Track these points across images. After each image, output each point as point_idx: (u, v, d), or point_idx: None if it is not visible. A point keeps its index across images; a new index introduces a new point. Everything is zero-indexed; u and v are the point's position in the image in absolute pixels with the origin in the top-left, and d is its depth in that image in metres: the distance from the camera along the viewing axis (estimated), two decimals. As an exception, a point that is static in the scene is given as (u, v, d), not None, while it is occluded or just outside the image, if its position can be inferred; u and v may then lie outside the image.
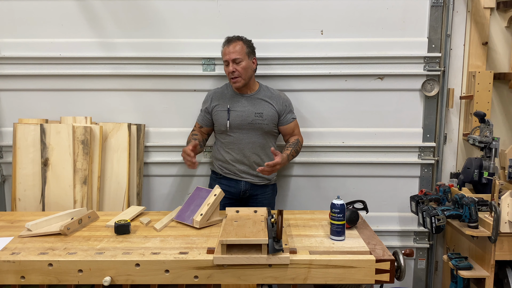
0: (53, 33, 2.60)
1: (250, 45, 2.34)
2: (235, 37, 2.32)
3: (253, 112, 2.33)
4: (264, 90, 2.41)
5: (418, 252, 2.81)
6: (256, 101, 2.36)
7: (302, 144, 2.44)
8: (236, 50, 2.26)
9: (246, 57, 2.29)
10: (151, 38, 2.60)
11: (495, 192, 2.12)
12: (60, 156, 2.43)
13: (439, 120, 2.65)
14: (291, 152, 2.29)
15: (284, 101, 2.40)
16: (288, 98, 2.44)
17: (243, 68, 2.27)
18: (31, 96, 2.66)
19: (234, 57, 2.26)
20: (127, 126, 2.55)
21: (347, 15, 2.58)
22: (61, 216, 1.99)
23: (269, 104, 2.36)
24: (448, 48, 2.57)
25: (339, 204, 1.79)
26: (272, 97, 2.38)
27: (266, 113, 2.34)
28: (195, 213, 1.99)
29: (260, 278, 1.63)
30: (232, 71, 2.27)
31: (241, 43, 2.29)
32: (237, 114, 2.33)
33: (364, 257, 1.64)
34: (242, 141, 2.34)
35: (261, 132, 2.35)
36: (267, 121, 2.33)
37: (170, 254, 1.66)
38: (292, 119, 2.41)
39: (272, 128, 2.37)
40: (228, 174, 2.40)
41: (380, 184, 2.75)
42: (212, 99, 2.41)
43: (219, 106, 2.37)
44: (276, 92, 2.43)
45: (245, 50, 2.29)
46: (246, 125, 2.33)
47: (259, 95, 2.38)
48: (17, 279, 1.63)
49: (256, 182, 2.40)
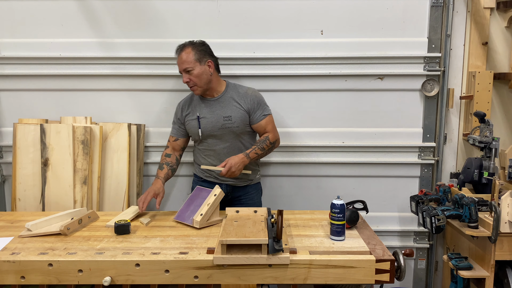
0: (53, 33, 2.60)
1: (201, 49, 2.21)
2: (184, 45, 2.21)
3: (221, 116, 2.24)
4: (231, 89, 2.30)
5: (418, 252, 2.81)
6: (223, 104, 2.26)
7: (275, 141, 2.31)
8: (185, 60, 2.17)
9: (197, 64, 2.17)
10: (151, 38, 2.60)
11: (495, 192, 2.12)
12: (60, 156, 2.43)
13: (439, 120, 2.65)
14: (254, 151, 2.21)
15: (253, 99, 2.27)
16: (257, 94, 2.32)
17: (196, 76, 2.17)
18: (31, 96, 2.66)
19: (184, 67, 2.17)
20: (127, 126, 2.55)
21: (347, 15, 2.58)
22: (61, 216, 1.99)
23: (237, 105, 2.26)
24: (448, 48, 2.57)
25: (339, 204, 1.79)
26: (240, 96, 2.28)
27: (235, 115, 2.24)
28: (195, 213, 1.99)
29: (260, 278, 1.63)
30: (186, 81, 2.19)
31: (190, 50, 2.18)
32: (207, 121, 2.25)
33: (364, 257, 1.64)
34: (217, 146, 2.28)
35: (234, 135, 2.27)
36: (237, 123, 2.24)
37: (170, 254, 1.66)
38: (262, 116, 2.28)
39: (244, 128, 2.28)
40: (208, 177, 2.36)
41: (380, 184, 2.75)
42: (182, 108, 2.35)
43: (190, 114, 2.30)
44: (243, 89, 2.31)
45: (194, 57, 2.17)
46: (217, 131, 2.25)
47: (226, 97, 2.28)
48: (17, 279, 1.63)
49: (237, 184, 2.35)
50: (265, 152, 2.28)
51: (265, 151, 2.28)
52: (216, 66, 2.29)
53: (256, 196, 2.44)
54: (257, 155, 2.24)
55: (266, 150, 2.28)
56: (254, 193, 2.42)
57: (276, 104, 2.66)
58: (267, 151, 2.29)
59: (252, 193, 2.41)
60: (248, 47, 2.60)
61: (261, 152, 2.26)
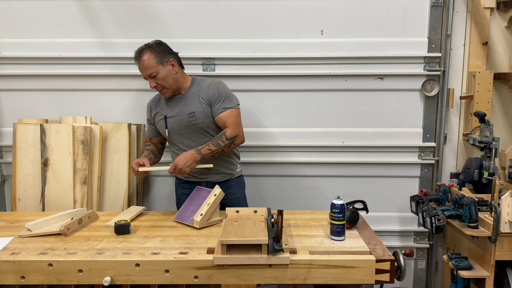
0: (53, 33, 2.60)
1: (160, 50, 2.14)
2: (141, 50, 2.14)
3: (186, 113, 2.17)
4: (195, 84, 2.23)
5: (418, 252, 2.81)
6: (188, 100, 2.20)
7: (233, 137, 2.17)
8: (147, 66, 2.10)
9: (159, 66, 2.11)
10: (151, 38, 2.57)
11: (495, 192, 2.12)
12: (60, 156, 2.43)
13: (439, 120, 2.65)
14: (207, 146, 2.10)
15: (214, 90, 2.18)
16: (221, 86, 2.21)
17: (162, 79, 2.12)
18: (31, 96, 2.67)
19: (148, 74, 2.11)
20: (127, 126, 2.54)
21: (347, 15, 2.58)
22: (61, 216, 1.99)
23: (200, 99, 2.18)
24: (448, 48, 2.57)
25: (339, 204, 1.79)
26: (201, 89, 2.20)
27: (198, 110, 2.16)
28: (195, 213, 1.99)
29: (260, 278, 1.63)
30: (154, 86, 2.13)
31: (148, 54, 2.11)
32: (174, 120, 2.20)
33: (364, 257, 1.64)
34: (187, 144, 2.21)
35: (202, 131, 2.20)
36: (201, 119, 2.16)
37: (170, 254, 1.66)
38: (222, 109, 2.16)
39: (211, 123, 2.20)
40: (188, 178, 2.33)
41: (380, 184, 2.75)
42: (151, 108, 2.31)
43: (158, 114, 2.26)
44: (206, 82, 2.23)
45: (156, 60, 2.11)
46: (184, 129, 2.19)
47: (190, 92, 2.21)
48: (17, 279, 1.63)
49: (217, 180, 2.30)
50: (221, 148, 2.14)
51: (221, 147, 2.13)
52: (179, 63, 2.22)
53: (239, 190, 2.37)
54: (211, 151, 2.11)
55: (222, 147, 2.14)
56: (237, 186, 2.36)
57: (276, 104, 2.66)
58: (223, 147, 2.14)
59: (235, 186, 2.35)
60: (248, 47, 2.60)
61: (216, 148, 2.12)
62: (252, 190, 2.68)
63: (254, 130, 2.68)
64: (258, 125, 2.69)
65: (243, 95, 2.50)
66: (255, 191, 2.73)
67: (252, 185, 2.68)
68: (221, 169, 2.29)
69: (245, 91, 2.61)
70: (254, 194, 2.72)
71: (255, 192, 2.73)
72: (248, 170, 2.67)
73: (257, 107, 2.67)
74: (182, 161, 2.06)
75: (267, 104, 2.67)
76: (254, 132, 2.68)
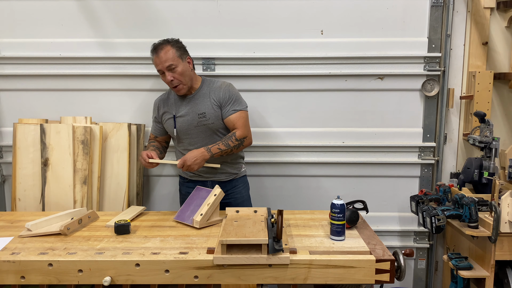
0: (53, 33, 2.60)
1: (180, 45, 2.18)
2: (162, 42, 2.15)
3: (196, 113, 2.19)
4: (206, 85, 2.26)
5: (418, 252, 2.81)
6: (198, 100, 2.22)
7: (243, 138, 2.21)
8: (168, 57, 2.10)
9: (179, 61, 2.13)
10: (151, 38, 2.58)
11: (495, 192, 2.12)
12: (60, 156, 2.43)
13: (439, 120, 2.65)
14: (217, 146, 2.13)
15: (225, 92, 2.21)
16: (231, 88, 2.25)
17: (180, 74, 2.13)
18: (31, 96, 2.67)
19: (167, 65, 2.10)
20: (127, 126, 2.55)
21: (347, 15, 2.58)
22: (61, 216, 1.99)
23: (211, 100, 2.20)
24: (448, 48, 2.57)
25: (339, 204, 1.79)
26: (212, 90, 2.22)
27: (208, 111, 2.19)
28: (195, 213, 1.99)
29: (260, 278, 1.63)
30: (171, 80, 2.12)
31: (170, 47, 2.12)
32: (183, 119, 2.21)
33: (364, 257, 1.64)
34: (195, 144, 2.22)
35: (211, 132, 2.22)
36: (211, 120, 2.19)
37: (170, 254, 1.66)
38: (232, 111, 2.20)
39: (220, 124, 2.23)
40: (193, 177, 2.33)
41: (380, 184, 2.75)
42: (159, 107, 2.32)
43: (166, 113, 2.27)
44: (217, 84, 2.25)
45: (177, 54, 2.13)
46: (193, 129, 2.21)
47: (201, 93, 2.23)
48: (17, 279, 1.63)
49: (222, 179, 2.32)
50: (230, 149, 2.17)
51: (230, 147, 2.17)
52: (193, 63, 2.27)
53: (244, 189, 2.40)
54: (220, 150, 2.14)
55: (232, 147, 2.17)
56: (241, 187, 2.39)
57: (276, 104, 2.66)
58: (232, 148, 2.18)
59: (240, 186, 2.38)
60: (248, 47, 2.60)
61: (225, 148, 2.15)
62: (252, 190, 2.67)
63: (253, 130, 2.66)
64: (258, 125, 2.69)
65: (243, 95, 2.49)
66: (255, 191, 2.73)
67: (252, 185, 2.67)
68: (227, 168, 2.30)
69: (245, 91, 2.60)
70: (254, 193, 2.71)
71: (255, 192, 2.73)
72: (248, 170, 2.66)
73: (257, 107, 2.67)
74: (191, 158, 2.07)
75: (267, 104, 2.67)
76: (253, 132, 2.67)
